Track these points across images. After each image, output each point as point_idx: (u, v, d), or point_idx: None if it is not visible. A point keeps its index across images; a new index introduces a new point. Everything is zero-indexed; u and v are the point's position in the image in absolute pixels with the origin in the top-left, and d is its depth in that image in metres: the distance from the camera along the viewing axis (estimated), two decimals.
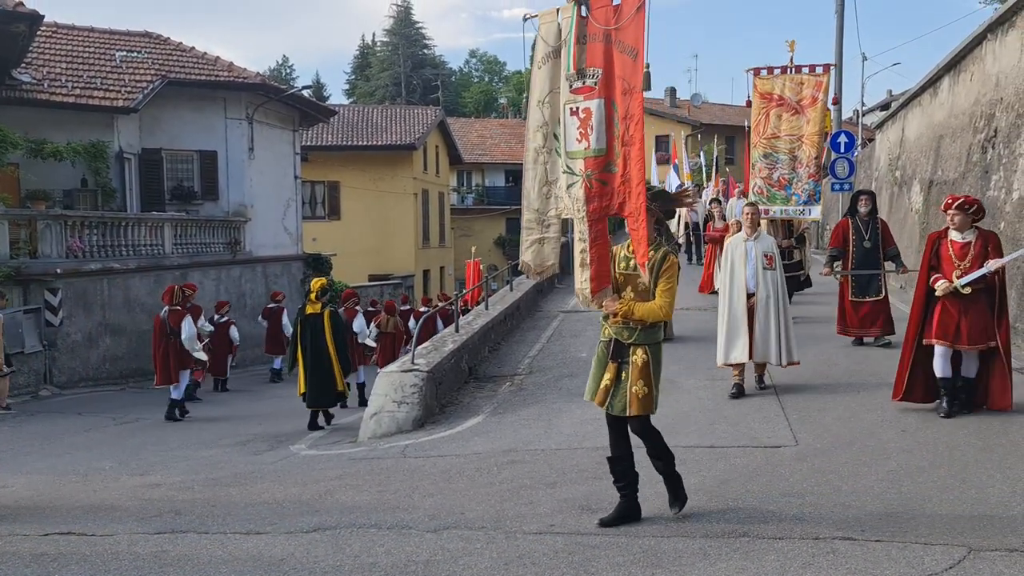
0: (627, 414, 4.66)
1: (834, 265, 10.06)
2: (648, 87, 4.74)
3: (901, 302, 11.69)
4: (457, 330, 10.94)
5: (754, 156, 11.84)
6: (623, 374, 4.67)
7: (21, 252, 14.73)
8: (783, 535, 4.39)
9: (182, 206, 19.88)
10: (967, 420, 6.52)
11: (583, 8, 4.71)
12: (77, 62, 19.62)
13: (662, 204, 4.88)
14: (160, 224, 18.03)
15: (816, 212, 11.77)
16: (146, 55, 20.52)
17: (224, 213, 20.52)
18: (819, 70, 11.65)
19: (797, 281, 12.27)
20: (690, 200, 5.45)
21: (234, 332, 15.22)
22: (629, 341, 4.69)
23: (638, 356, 4.65)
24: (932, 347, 6.64)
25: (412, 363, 8.80)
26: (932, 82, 15.49)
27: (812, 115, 11.42)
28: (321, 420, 10.05)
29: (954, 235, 6.58)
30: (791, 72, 11.64)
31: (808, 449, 6.04)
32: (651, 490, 4.98)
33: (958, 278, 6.41)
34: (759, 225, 8.40)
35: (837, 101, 12.52)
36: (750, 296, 7.88)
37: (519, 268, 5.57)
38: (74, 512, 5.84)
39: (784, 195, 11.55)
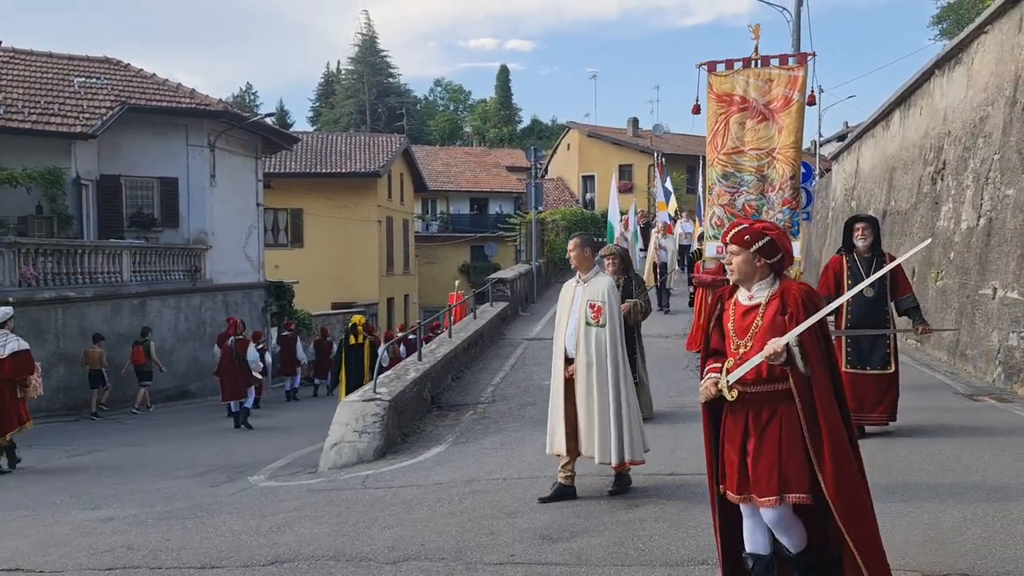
0: None
1: None
2: None
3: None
4: (420, 358, 10.90)
5: (711, 177, 9.02)
6: None
7: None
8: None
9: (141, 233, 19.63)
10: (920, 445, 6.64)
11: None
12: (35, 88, 19.39)
13: None
14: (118, 251, 17.77)
15: (794, 250, 9.89)
16: (105, 81, 20.34)
17: (184, 240, 20.30)
18: (792, 62, 8.86)
19: None
20: None
21: (267, 358, 17.16)
22: None
23: None
24: None
25: (374, 392, 8.74)
26: (884, 115, 15.97)
27: (785, 121, 8.61)
28: None
29: (740, 293, 3.82)
30: (756, 66, 8.87)
31: None
32: (620, 532, 4.97)
33: (729, 371, 3.69)
34: (592, 263, 5.96)
35: (814, 101, 8.87)
36: (570, 362, 5.76)
37: None
38: (22, 548, 5.67)
39: None
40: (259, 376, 14.79)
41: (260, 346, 16.52)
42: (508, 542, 4.98)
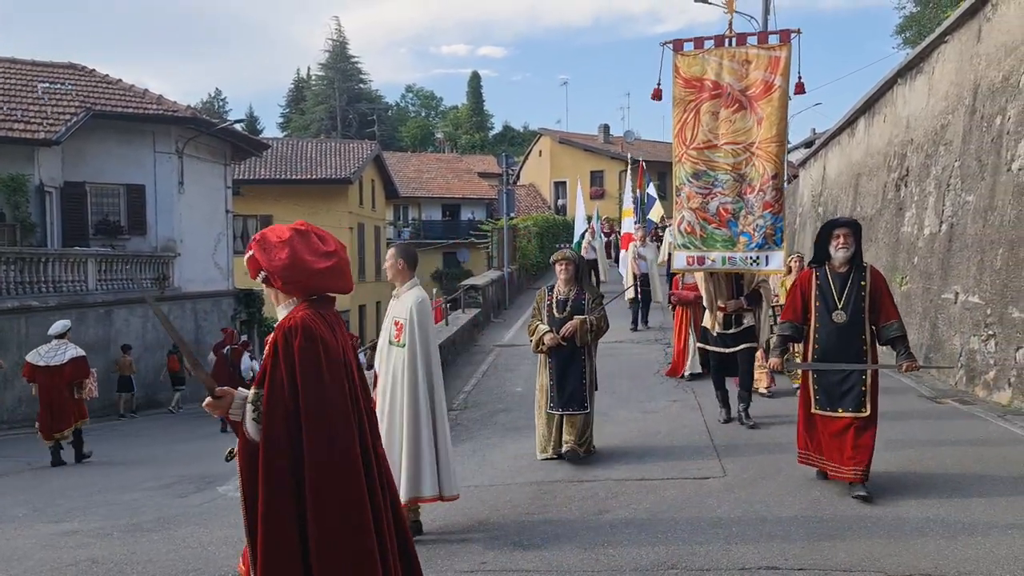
0: None
1: (787, 353, 6.05)
2: None
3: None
4: None
5: (679, 176, 7.68)
6: None
7: None
8: (711, 566, 4.46)
9: (107, 241, 19.34)
10: (883, 447, 6.73)
11: None
12: None
13: None
14: (83, 260, 17.48)
15: (777, 261, 7.55)
16: (70, 87, 20.05)
17: (152, 248, 20.05)
18: (774, 40, 7.44)
19: (752, 356, 8.10)
20: None
21: (255, 365, 19.02)
22: None
23: None
24: None
25: None
26: (850, 122, 16.23)
27: (766, 111, 7.30)
28: None
29: None
30: (731, 45, 7.51)
31: (736, 480, 6.16)
32: (590, 538, 4.97)
33: None
34: (407, 276, 5.32)
35: (802, 89, 7.42)
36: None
37: None
38: None
39: (727, 235, 7.57)
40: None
41: (249, 353, 17.11)
42: (480, 549, 4.98)
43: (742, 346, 7.89)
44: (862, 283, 5.60)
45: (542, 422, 7.12)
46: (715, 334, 7.94)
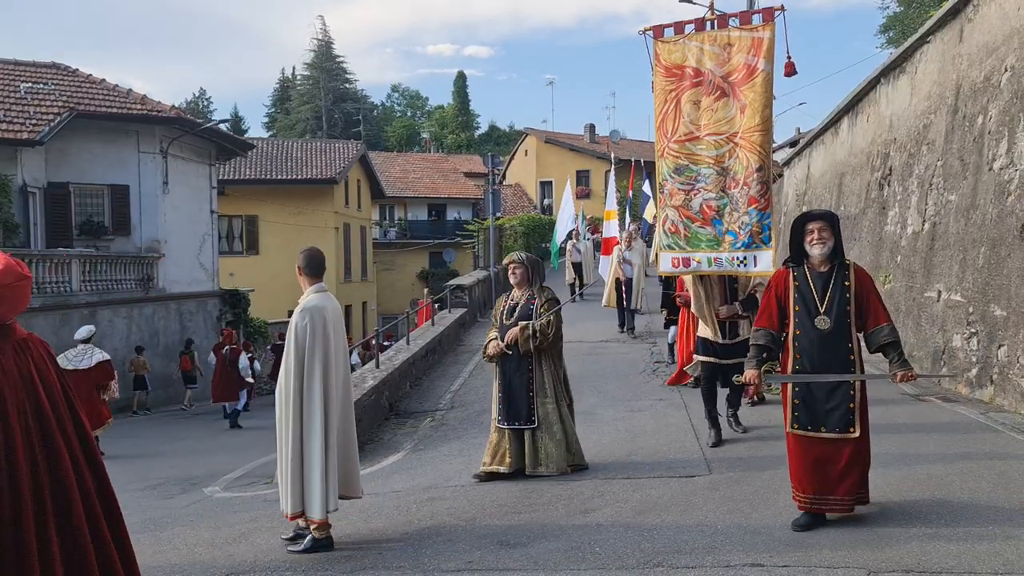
0: None
1: (764, 364, 5.05)
2: None
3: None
4: (378, 366, 10.86)
5: (661, 171, 7.14)
6: None
7: None
8: (696, 564, 4.49)
9: (91, 242, 19.22)
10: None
11: None
12: None
13: None
14: (67, 260, 17.36)
15: (765, 261, 6.81)
16: (53, 87, 19.91)
17: (136, 249, 19.94)
18: (757, 20, 6.83)
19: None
20: None
21: (257, 365, 18.85)
22: None
23: None
24: None
25: None
26: (833, 122, 16.33)
27: (749, 97, 6.68)
28: None
29: None
30: (712, 28, 6.89)
31: (721, 478, 6.20)
32: (576, 536, 4.99)
33: None
34: (307, 285, 5.27)
35: (792, 69, 6.75)
36: None
37: None
38: None
39: (711, 234, 6.96)
40: (250, 381, 16.25)
41: (250, 355, 17.76)
42: (466, 549, 4.99)
43: (737, 360, 6.95)
44: (846, 283, 4.92)
45: (493, 435, 6.69)
46: (718, 343, 7.22)
